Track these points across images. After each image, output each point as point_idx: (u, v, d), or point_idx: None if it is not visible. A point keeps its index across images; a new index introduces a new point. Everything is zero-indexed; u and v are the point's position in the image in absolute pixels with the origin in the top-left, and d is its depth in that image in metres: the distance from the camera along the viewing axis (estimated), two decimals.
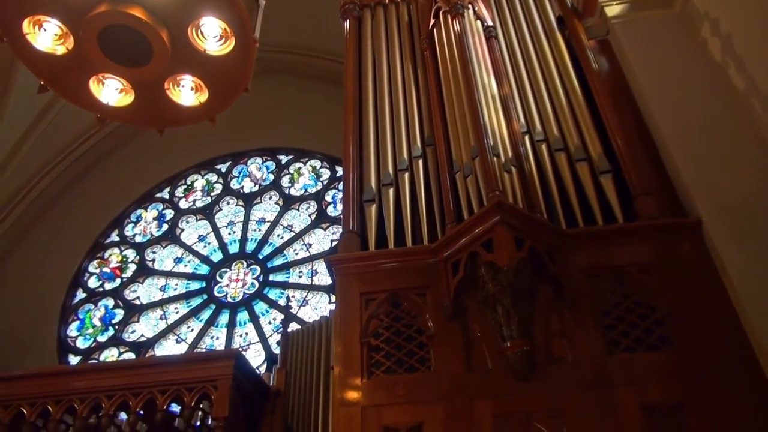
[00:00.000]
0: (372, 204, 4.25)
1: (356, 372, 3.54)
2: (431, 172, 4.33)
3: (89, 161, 9.98)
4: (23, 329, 8.22)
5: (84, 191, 9.84)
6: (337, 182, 9.17)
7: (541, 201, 3.94)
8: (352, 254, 4.04)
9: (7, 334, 8.16)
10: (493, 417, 3.24)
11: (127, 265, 9.04)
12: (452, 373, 3.43)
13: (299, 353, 5.13)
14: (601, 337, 3.43)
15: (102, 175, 9.94)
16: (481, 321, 3.58)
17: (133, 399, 4.34)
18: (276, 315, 7.94)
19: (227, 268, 8.65)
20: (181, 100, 2.88)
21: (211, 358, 4.59)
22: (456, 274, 3.66)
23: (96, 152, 9.97)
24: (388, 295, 3.80)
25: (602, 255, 3.70)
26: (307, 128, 9.54)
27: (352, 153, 4.61)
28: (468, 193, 3.89)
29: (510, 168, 3.95)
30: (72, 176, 9.87)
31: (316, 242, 8.65)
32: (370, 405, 3.41)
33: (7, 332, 8.19)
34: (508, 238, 3.45)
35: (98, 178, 9.93)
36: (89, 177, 9.98)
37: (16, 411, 4.42)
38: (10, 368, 5.58)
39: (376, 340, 3.67)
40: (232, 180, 9.83)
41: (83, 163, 9.91)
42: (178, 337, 8.05)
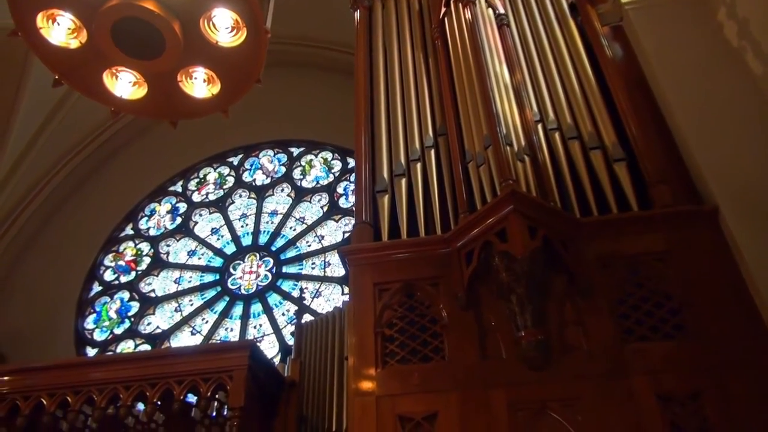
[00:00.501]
0: (384, 194, 4.26)
1: (370, 362, 3.58)
2: (443, 161, 4.33)
3: (103, 156, 10.07)
4: (41, 322, 8.35)
5: (98, 185, 9.94)
6: (349, 174, 9.18)
7: (554, 190, 3.93)
8: (365, 245, 4.06)
9: (25, 327, 8.30)
10: (507, 405, 3.26)
11: (142, 258, 9.13)
12: (466, 363, 3.45)
13: (313, 344, 5.17)
14: (615, 326, 3.42)
15: (115, 170, 10.03)
16: (495, 310, 3.59)
17: (150, 390, 4.41)
18: (289, 306, 7.99)
19: (240, 261, 8.71)
20: (194, 93, 2.90)
21: (226, 349, 4.65)
22: (469, 263, 3.67)
23: (109, 147, 10.06)
24: (402, 286, 3.82)
25: (617, 244, 3.68)
26: (318, 120, 9.54)
27: (364, 144, 4.62)
28: (481, 183, 3.88)
29: (523, 157, 3.93)
30: (86, 171, 9.97)
31: (328, 234, 8.67)
32: (385, 394, 3.44)
33: (26, 325, 8.33)
34: (522, 228, 3.44)
35: (112, 173, 10.02)
36: (103, 171, 10.08)
37: (35, 402, 4.50)
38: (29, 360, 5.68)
39: (390, 330, 3.70)
40: (244, 173, 9.88)
41: (97, 157, 10.01)
42: (193, 329, 8.13)
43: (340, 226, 8.67)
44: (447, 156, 4.34)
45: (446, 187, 4.19)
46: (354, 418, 3.44)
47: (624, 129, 4.18)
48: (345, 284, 7.84)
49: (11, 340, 7.94)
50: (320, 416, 4.65)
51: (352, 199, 8.78)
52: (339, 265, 8.10)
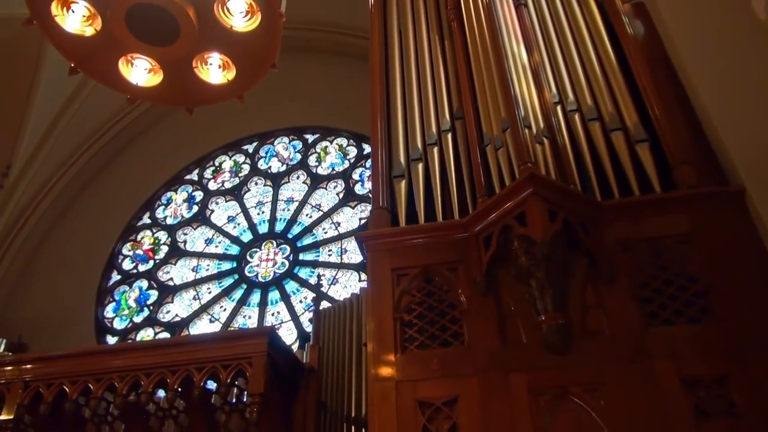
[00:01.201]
0: (401, 179, 4.26)
1: (389, 347, 3.59)
2: (461, 145, 4.31)
3: (119, 145, 10.18)
4: (61, 312, 8.51)
5: (114, 175, 10.06)
6: (364, 160, 9.18)
7: (574, 172, 3.89)
8: (382, 230, 4.06)
9: (46, 317, 8.47)
10: (528, 391, 3.26)
11: (160, 247, 9.25)
12: (486, 347, 3.46)
13: (331, 331, 5.20)
14: (638, 310, 3.40)
15: (131, 159, 10.14)
16: (514, 295, 3.58)
17: (171, 376, 4.46)
18: (307, 294, 8.06)
19: (257, 248, 8.79)
20: (210, 79, 2.90)
21: (245, 336, 4.68)
22: (488, 248, 3.66)
23: (125, 136, 10.17)
24: (420, 271, 3.83)
25: (639, 226, 3.64)
26: (333, 106, 9.54)
27: (380, 129, 4.61)
28: (499, 166, 3.86)
29: (542, 139, 3.89)
30: (103, 160, 10.09)
31: (344, 221, 8.71)
32: (405, 380, 3.46)
33: (46, 315, 8.50)
34: (542, 211, 3.42)
35: (128, 162, 10.13)
36: (119, 161, 10.19)
37: (58, 389, 4.58)
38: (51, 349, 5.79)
39: (409, 316, 3.71)
40: (259, 160, 9.93)
41: (113, 147, 10.13)
42: (211, 317, 8.24)
43: (357, 213, 8.70)
44: (464, 140, 4.32)
45: (464, 171, 4.17)
46: (373, 403, 3.46)
47: (646, 109, 4.11)
48: (362, 271, 7.89)
49: (32, 329, 8.11)
50: (339, 402, 4.69)
51: (368, 185, 8.80)
52: (356, 251, 8.15)
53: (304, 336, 7.41)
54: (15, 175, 8.84)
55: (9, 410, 4.47)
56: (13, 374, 4.63)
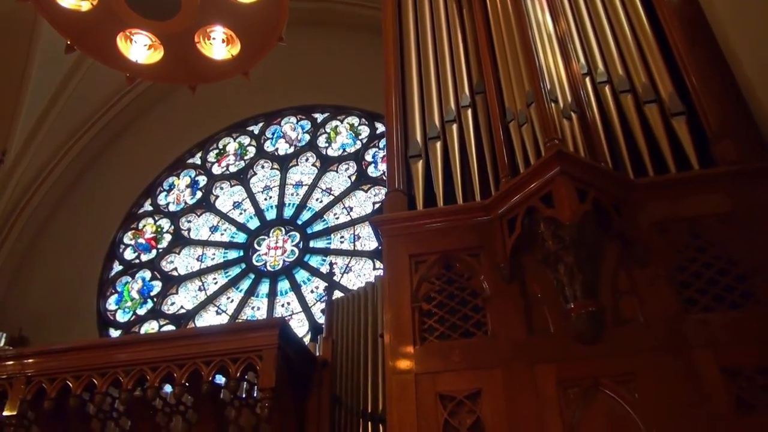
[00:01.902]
0: (418, 160, 4.25)
1: (408, 338, 3.61)
2: (482, 122, 4.28)
3: (117, 128, 10.24)
4: (62, 304, 8.64)
5: (113, 160, 10.13)
6: (377, 140, 9.15)
7: (605, 149, 3.86)
8: (399, 214, 4.07)
9: (46, 310, 8.60)
10: (556, 383, 3.26)
11: (162, 236, 9.33)
12: (511, 337, 3.46)
13: (345, 322, 5.23)
14: (675, 296, 3.38)
15: (131, 142, 10.19)
16: (541, 281, 3.58)
17: (178, 371, 4.52)
18: (318, 283, 8.10)
19: (265, 236, 8.83)
20: (213, 54, 2.91)
21: (255, 328, 4.72)
22: (512, 232, 3.66)
23: (123, 118, 10.21)
24: (439, 257, 3.83)
25: (675, 206, 3.61)
26: (343, 83, 9.50)
27: (394, 106, 4.60)
28: (523, 144, 3.84)
29: (570, 114, 3.86)
30: (100, 145, 10.16)
31: (357, 205, 8.71)
32: (424, 372, 3.48)
33: (47, 307, 8.63)
34: (570, 191, 3.41)
35: (127, 145, 10.19)
36: (118, 144, 10.25)
37: (61, 384, 4.67)
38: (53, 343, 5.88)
39: (428, 305, 3.72)
40: (265, 142, 9.94)
41: (111, 130, 10.18)
42: (218, 309, 8.32)
43: (370, 197, 8.70)
44: (485, 116, 4.30)
45: (485, 150, 4.16)
46: (392, 397, 3.49)
47: (683, 79, 4.06)
48: (376, 258, 7.90)
49: (32, 322, 8.23)
50: (354, 397, 4.73)
51: (382, 167, 8.78)
52: (369, 238, 8.16)
53: (317, 328, 7.47)
54: (10, 162, 8.93)
55: (12, 406, 4.57)
56: (15, 369, 4.73)
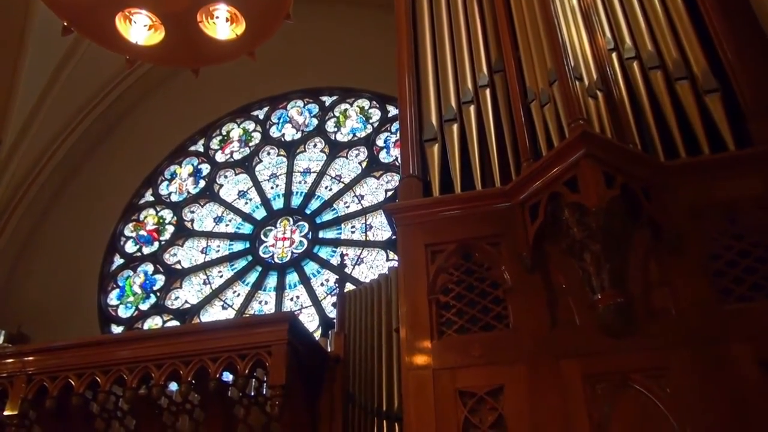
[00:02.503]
0: (434, 143, 4.24)
1: (425, 332, 3.63)
2: (501, 102, 4.26)
3: (115, 115, 10.28)
4: (62, 300, 8.73)
5: (112, 148, 10.18)
6: (390, 123, 9.13)
7: (633, 129, 3.84)
8: (414, 201, 4.07)
9: (46, 306, 8.70)
10: (583, 378, 3.26)
11: (165, 227, 9.40)
12: (534, 331, 3.47)
13: (358, 316, 5.25)
14: (709, 285, 3.36)
15: (130, 129, 10.24)
16: (565, 271, 3.57)
17: (184, 368, 4.56)
18: (329, 275, 8.13)
19: (272, 226, 8.87)
20: (216, 34, 2.91)
21: (263, 323, 4.75)
22: (535, 219, 3.65)
23: (122, 104, 10.24)
24: (457, 246, 3.84)
25: (709, 190, 3.59)
26: (352, 64, 9.47)
27: (407, 87, 4.59)
28: (546, 125, 3.82)
29: (595, 92, 3.84)
30: (99, 132, 10.21)
31: (368, 193, 8.72)
32: (443, 367, 3.50)
33: (46, 303, 8.73)
34: (596, 174, 3.39)
35: (126, 133, 10.23)
36: (117, 132, 10.30)
37: (63, 382, 4.73)
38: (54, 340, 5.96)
39: (446, 297, 3.73)
40: (271, 127, 9.95)
41: (109, 116, 10.22)
42: (224, 303, 8.38)
43: (382, 184, 8.70)
44: (505, 96, 4.28)
45: (505, 132, 4.14)
46: (409, 394, 3.51)
47: (716, 54, 4.02)
48: (389, 249, 7.92)
49: (32, 319, 8.32)
50: (369, 394, 4.75)
51: (395, 152, 8.76)
52: (382, 227, 8.17)
53: (327, 322, 7.51)
54: (5, 152, 9.01)
55: (13, 405, 4.63)
56: (15, 367, 4.79)
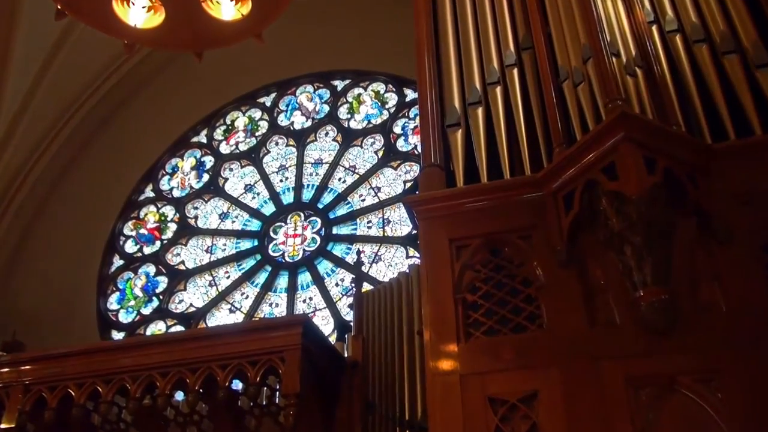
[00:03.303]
0: (457, 129, 4.24)
1: (451, 335, 3.64)
2: (530, 83, 4.25)
3: (113, 104, 10.34)
4: (58, 304, 8.83)
5: (109, 141, 10.25)
6: (408, 108, 9.11)
7: (676, 109, 3.82)
8: (436, 193, 4.07)
9: (42, 311, 8.79)
10: (625, 382, 3.25)
11: (167, 225, 9.46)
12: (571, 331, 3.46)
13: (376, 318, 5.26)
14: (763, 279, 3.33)
15: (127, 120, 10.30)
16: (604, 265, 3.56)
17: (191, 376, 4.61)
18: (344, 275, 8.14)
19: (282, 222, 8.90)
20: (221, 15, 2.91)
21: (275, 326, 4.79)
22: (569, 209, 3.64)
23: (120, 92, 10.30)
24: (485, 241, 3.84)
25: (762, 174, 3.55)
26: (365, 44, 9.46)
27: (427, 68, 4.59)
28: (580, 106, 3.80)
29: (634, 69, 3.81)
30: (94, 124, 10.28)
31: (385, 185, 8.71)
32: (471, 373, 3.50)
33: (42, 309, 8.83)
34: (637, 159, 3.37)
35: (124, 124, 10.30)
36: (113, 123, 10.37)
37: (63, 392, 4.80)
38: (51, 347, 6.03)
39: (473, 296, 3.73)
40: (279, 115, 9.97)
41: (106, 106, 10.28)
42: (231, 306, 8.43)
43: (400, 174, 8.69)
44: (534, 75, 4.27)
45: (535, 115, 4.13)
46: (434, 401, 3.52)
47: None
48: (410, 245, 7.91)
49: (27, 325, 8.42)
50: (390, 402, 4.77)
51: (414, 139, 8.74)
52: (402, 221, 8.16)
53: (343, 325, 7.53)
54: None
55: (10, 418, 4.71)
56: (11, 377, 4.87)
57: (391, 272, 7.77)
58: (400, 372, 4.80)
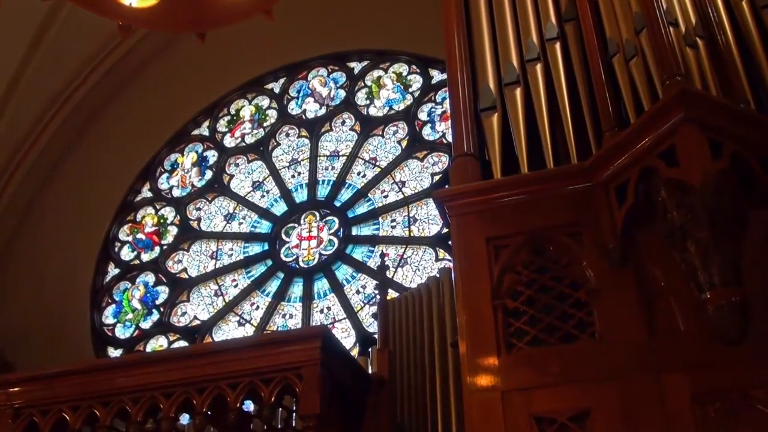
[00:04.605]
0: (492, 113, 4.23)
1: (490, 346, 3.63)
2: (574, 58, 4.24)
3: (105, 94, 10.42)
4: (49, 319, 8.92)
5: (101, 135, 10.35)
6: (434, 92, 9.11)
7: (744, 84, 3.78)
8: (470, 186, 4.06)
9: (30, 327, 8.88)
10: (691, 397, 3.23)
11: (167, 229, 9.54)
12: (627, 340, 3.44)
13: (404, 328, 5.28)
14: None
15: (121, 112, 10.38)
16: (664, 265, 3.54)
17: (197, 396, 4.64)
18: (366, 281, 8.16)
19: (295, 223, 8.93)
20: None
21: (291, 340, 4.79)
22: (623, 201, 3.62)
23: (112, 80, 10.37)
24: (527, 239, 3.83)
25: None
26: (385, 21, 9.46)
27: (457, 45, 4.58)
28: (633, 84, 3.78)
29: (694, 40, 3.79)
30: (84, 116, 10.36)
31: (411, 178, 8.71)
32: (514, 389, 3.49)
33: (31, 324, 8.92)
34: (700, 143, 3.34)
35: (117, 116, 10.37)
36: (105, 115, 10.45)
37: (57, 417, 4.85)
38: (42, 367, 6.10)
39: (515, 302, 3.73)
40: (289, 103, 10.01)
41: (97, 96, 10.35)
42: (240, 318, 8.48)
43: (427, 166, 8.68)
44: (579, 50, 4.25)
45: (581, 95, 4.11)
46: (472, 421, 3.52)
47: None
48: (439, 246, 7.91)
49: (16, 344, 8.53)
50: (422, 423, 4.77)
51: (441, 126, 8.73)
52: (430, 219, 8.15)
53: (366, 338, 7.55)
54: None
55: None
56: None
57: (418, 277, 7.77)
58: (432, 389, 4.80)
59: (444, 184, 7.47)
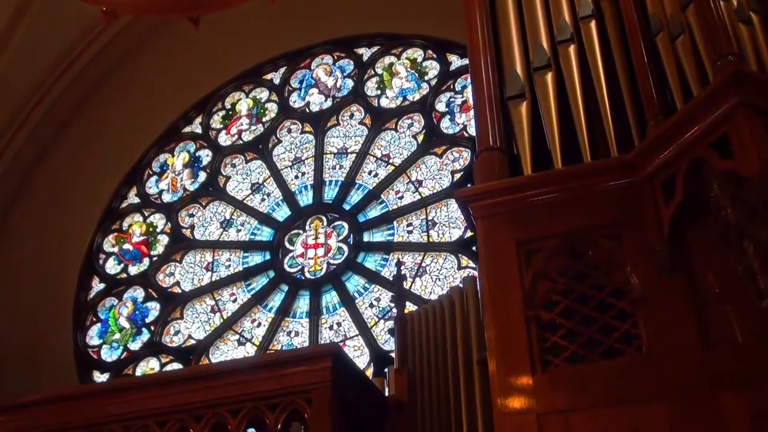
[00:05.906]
0: (521, 102, 4.24)
1: (523, 364, 3.64)
2: (612, 38, 4.26)
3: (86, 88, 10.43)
4: (27, 341, 8.93)
5: (82, 134, 10.37)
6: (453, 80, 9.09)
7: None
8: (497, 183, 4.07)
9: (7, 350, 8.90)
10: (752, 417, 3.22)
11: (156, 238, 9.56)
12: (679, 354, 3.43)
13: (424, 345, 5.28)
14: None
15: (104, 108, 10.40)
16: (717, 269, 3.54)
17: (194, 424, 4.67)
18: (380, 293, 8.14)
19: (300, 230, 8.93)
20: None
21: (298, 360, 4.80)
22: (671, 198, 3.62)
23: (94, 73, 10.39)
24: (562, 242, 3.84)
25: None
26: (397, 1, 9.46)
27: (480, 26, 4.61)
28: (679, 66, 3.78)
29: (748, 15, 3.78)
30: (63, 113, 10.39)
31: (428, 177, 8.69)
32: (551, 411, 3.50)
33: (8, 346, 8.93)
34: (757, 130, 3.34)
35: (100, 113, 10.40)
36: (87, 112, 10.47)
37: None
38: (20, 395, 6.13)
39: (550, 313, 3.73)
40: (291, 95, 10.02)
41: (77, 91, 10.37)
42: (240, 337, 8.48)
43: (447, 163, 8.67)
44: (617, 29, 4.27)
45: (621, 80, 4.13)
46: None
47: None
48: (462, 253, 7.89)
49: None
50: None
51: (462, 118, 8.71)
52: (450, 223, 8.14)
53: (382, 356, 7.53)
54: None
55: None
56: None
57: (439, 288, 7.76)
58: (457, 413, 4.80)
59: (466, 183, 7.47)
